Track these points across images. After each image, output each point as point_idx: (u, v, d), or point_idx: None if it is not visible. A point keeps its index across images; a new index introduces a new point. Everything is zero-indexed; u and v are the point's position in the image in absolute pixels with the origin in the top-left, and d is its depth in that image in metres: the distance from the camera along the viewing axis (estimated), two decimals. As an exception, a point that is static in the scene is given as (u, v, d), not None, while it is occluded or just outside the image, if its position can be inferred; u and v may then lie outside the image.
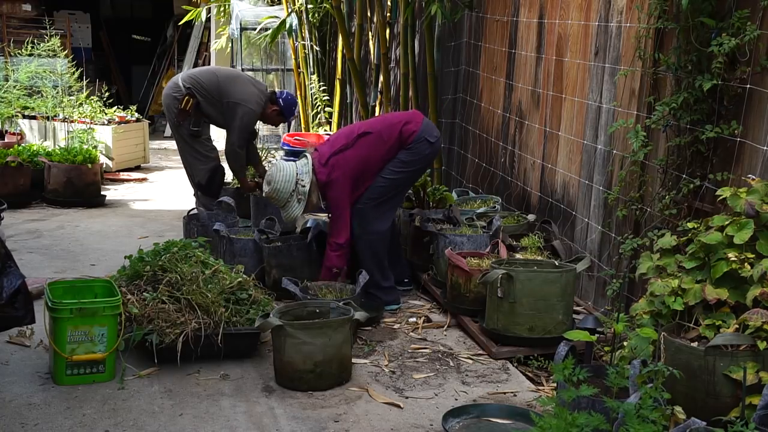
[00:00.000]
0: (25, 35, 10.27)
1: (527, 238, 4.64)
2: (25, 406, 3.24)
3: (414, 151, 4.47)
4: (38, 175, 7.22)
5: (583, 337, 3.05)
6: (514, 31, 5.52)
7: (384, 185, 4.47)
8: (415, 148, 4.46)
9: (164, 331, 3.56)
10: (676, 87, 3.60)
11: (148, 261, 3.87)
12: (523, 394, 3.49)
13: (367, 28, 7.45)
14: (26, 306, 3.35)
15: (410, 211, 5.12)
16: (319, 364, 3.45)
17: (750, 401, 2.56)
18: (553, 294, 3.75)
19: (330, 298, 4.05)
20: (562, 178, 4.84)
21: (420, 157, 4.50)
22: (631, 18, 4.07)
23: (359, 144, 4.45)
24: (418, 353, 3.94)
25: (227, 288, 3.82)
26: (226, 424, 3.15)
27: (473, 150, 6.22)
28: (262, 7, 9.11)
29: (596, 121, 4.45)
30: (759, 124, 3.22)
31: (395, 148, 4.47)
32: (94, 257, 5.50)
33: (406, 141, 4.46)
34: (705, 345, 2.75)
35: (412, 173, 4.57)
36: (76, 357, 3.42)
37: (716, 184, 3.35)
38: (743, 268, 2.83)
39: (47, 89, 8.19)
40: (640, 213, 3.95)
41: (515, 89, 5.50)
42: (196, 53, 12.82)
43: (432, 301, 4.73)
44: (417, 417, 3.25)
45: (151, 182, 8.72)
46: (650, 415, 2.31)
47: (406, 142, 4.46)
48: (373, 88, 7.53)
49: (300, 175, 4.36)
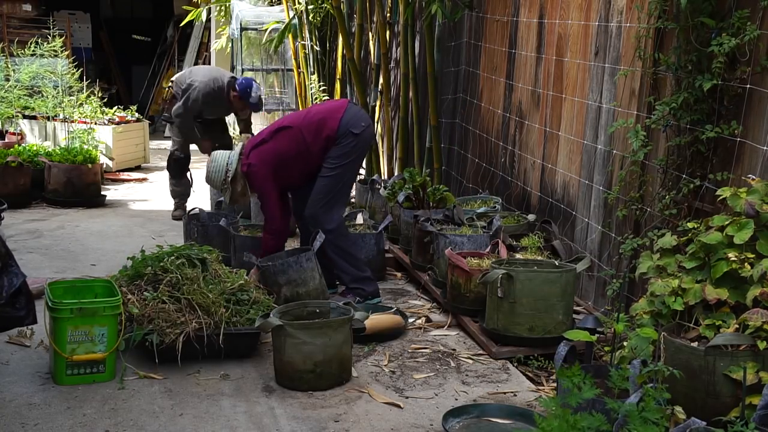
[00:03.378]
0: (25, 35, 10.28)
1: (527, 238, 4.64)
2: (25, 406, 3.24)
3: (341, 146, 4.49)
4: (38, 175, 7.22)
5: (583, 337, 3.06)
6: (514, 31, 5.52)
7: (325, 184, 4.52)
8: (341, 142, 4.49)
9: (164, 331, 3.56)
10: (676, 87, 3.60)
11: (150, 263, 3.87)
12: (523, 394, 3.49)
13: (367, 28, 7.45)
14: (28, 306, 3.35)
15: (414, 212, 5.12)
16: (319, 364, 3.45)
17: (750, 401, 2.56)
18: (553, 294, 3.75)
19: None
20: (562, 178, 4.84)
21: (348, 150, 4.50)
22: (631, 18, 4.07)
23: (277, 138, 4.57)
24: (418, 353, 3.94)
25: (228, 289, 3.82)
26: (226, 424, 3.15)
27: (473, 150, 6.22)
28: (262, 7, 9.09)
29: (596, 121, 4.45)
30: (759, 124, 3.22)
31: (318, 142, 4.50)
32: (95, 257, 5.50)
33: (330, 137, 4.48)
34: (705, 345, 2.75)
35: (347, 166, 4.56)
36: (77, 357, 3.42)
37: (716, 184, 3.35)
38: (743, 268, 2.83)
39: (48, 89, 8.19)
40: (640, 213, 3.95)
41: (515, 89, 5.50)
42: (196, 53, 12.83)
43: (432, 301, 4.73)
44: (417, 417, 3.25)
45: (151, 182, 8.72)
46: (653, 416, 2.31)
47: (330, 137, 4.48)
48: (373, 88, 7.53)
49: (229, 165, 4.60)
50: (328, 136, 4.48)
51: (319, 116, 4.55)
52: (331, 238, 4.49)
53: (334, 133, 4.47)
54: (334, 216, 4.57)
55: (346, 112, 4.52)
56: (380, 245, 5.16)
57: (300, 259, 4.31)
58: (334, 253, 4.55)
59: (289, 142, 4.53)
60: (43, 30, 8.88)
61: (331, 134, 4.47)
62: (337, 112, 4.53)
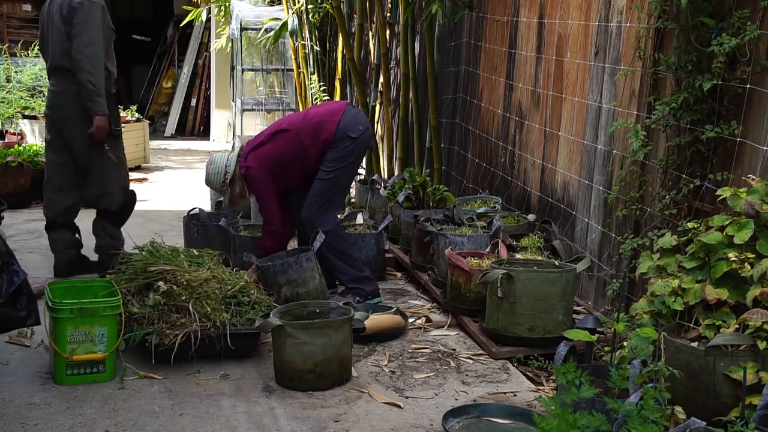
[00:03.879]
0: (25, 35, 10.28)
1: (527, 238, 4.64)
2: (25, 406, 3.24)
3: (338, 149, 4.49)
4: (38, 175, 7.17)
5: (583, 337, 3.06)
6: (514, 31, 5.52)
7: (322, 186, 4.52)
8: (338, 146, 4.49)
9: (164, 332, 3.56)
10: (676, 87, 3.60)
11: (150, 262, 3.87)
12: (523, 394, 3.49)
13: (367, 28, 7.45)
14: (29, 306, 3.34)
15: (414, 212, 5.12)
16: (319, 364, 3.45)
17: (750, 401, 2.56)
18: (553, 294, 3.74)
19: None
20: (562, 178, 4.84)
21: (345, 153, 4.51)
22: (631, 18, 4.07)
23: (275, 140, 4.57)
24: (418, 353, 3.94)
25: (229, 293, 3.81)
26: (226, 424, 3.15)
27: (473, 150, 6.22)
28: (262, 7, 9.10)
29: (596, 121, 4.45)
30: (759, 124, 3.22)
31: (316, 146, 4.49)
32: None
33: (327, 140, 4.48)
34: (705, 345, 2.75)
35: (344, 169, 4.56)
36: (77, 357, 3.42)
37: (716, 184, 3.35)
38: (743, 268, 2.83)
39: (48, 89, 8.17)
40: (640, 213, 3.95)
41: (515, 89, 5.50)
42: (196, 53, 12.83)
43: (432, 301, 4.73)
44: (417, 417, 3.25)
45: (151, 182, 8.72)
46: (652, 415, 2.31)
47: (328, 141, 4.49)
48: (373, 88, 7.53)
49: (228, 167, 4.62)
50: (325, 139, 4.48)
51: (316, 119, 4.54)
52: (328, 239, 4.49)
53: (332, 136, 4.47)
54: (329, 218, 4.58)
55: (344, 115, 4.52)
56: (380, 245, 5.16)
57: (300, 259, 4.31)
58: (331, 255, 4.56)
59: (287, 145, 4.53)
60: (43, 30, 8.86)
61: (329, 137, 4.47)
62: (335, 115, 4.52)
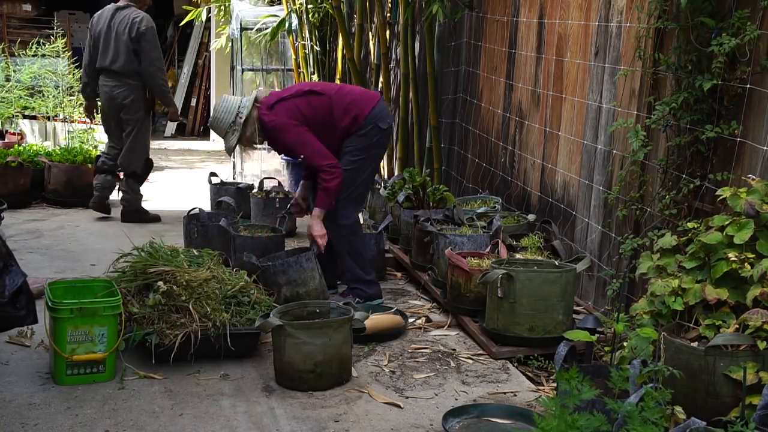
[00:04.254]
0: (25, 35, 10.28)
1: (527, 238, 4.64)
2: (25, 406, 3.24)
3: (366, 137, 4.42)
4: (38, 175, 7.22)
5: (583, 337, 3.05)
6: (514, 31, 5.52)
7: (346, 177, 4.41)
8: (367, 133, 4.42)
9: (164, 332, 3.56)
10: (676, 87, 3.60)
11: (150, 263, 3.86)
12: (523, 394, 3.49)
13: (367, 28, 7.45)
14: (28, 306, 3.35)
15: (414, 212, 5.12)
16: (319, 364, 3.45)
17: (750, 401, 2.56)
18: (553, 294, 3.75)
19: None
20: (562, 178, 4.84)
21: (372, 142, 4.45)
22: (631, 18, 4.07)
23: (308, 99, 4.43)
24: (418, 353, 3.94)
25: (229, 293, 3.81)
26: (226, 424, 3.15)
27: (473, 150, 6.22)
28: (262, 7, 9.10)
29: (596, 121, 4.45)
30: (759, 124, 3.22)
31: (345, 119, 4.40)
32: (95, 257, 5.50)
33: (357, 118, 4.40)
34: (705, 345, 2.75)
35: (368, 160, 4.49)
36: (77, 357, 3.42)
37: (716, 184, 3.35)
38: (743, 268, 2.83)
39: (48, 89, 8.19)
40: (640, 213, 3.95)
41: (515, 89, 5.50)
42: (196, 53, 12.83)
43: (432, 301, 4.73)
44: (417, 417, 3.25)
45: (151, 182, 8.71)
46: (652, 416, 2.30)
47: (357, 120, 4.40)
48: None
49: (241, 108, 4.42)
50: (355, 117, 4.38)
51: (351, 96, 4.47)
52: (345, 233, 4.45)
53: (363, 118, 4.39)
54: (351, 212, 4.52)
55: (378, 103, 4.48)
56: (380, 245, 5.16)
57: (300, 259, 4.31)
58: (343, 249, 4.50)
59: (319, 108, 4.41)
60: (43, 30, 8.88)
61: (359, 117, 4.39)
62: (371, 101, 4.47)
